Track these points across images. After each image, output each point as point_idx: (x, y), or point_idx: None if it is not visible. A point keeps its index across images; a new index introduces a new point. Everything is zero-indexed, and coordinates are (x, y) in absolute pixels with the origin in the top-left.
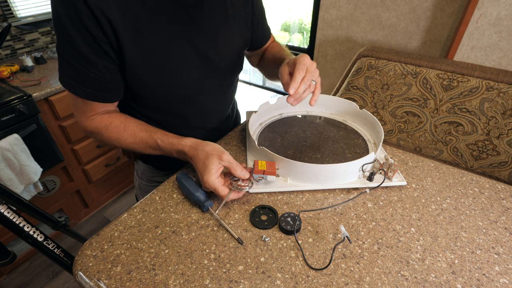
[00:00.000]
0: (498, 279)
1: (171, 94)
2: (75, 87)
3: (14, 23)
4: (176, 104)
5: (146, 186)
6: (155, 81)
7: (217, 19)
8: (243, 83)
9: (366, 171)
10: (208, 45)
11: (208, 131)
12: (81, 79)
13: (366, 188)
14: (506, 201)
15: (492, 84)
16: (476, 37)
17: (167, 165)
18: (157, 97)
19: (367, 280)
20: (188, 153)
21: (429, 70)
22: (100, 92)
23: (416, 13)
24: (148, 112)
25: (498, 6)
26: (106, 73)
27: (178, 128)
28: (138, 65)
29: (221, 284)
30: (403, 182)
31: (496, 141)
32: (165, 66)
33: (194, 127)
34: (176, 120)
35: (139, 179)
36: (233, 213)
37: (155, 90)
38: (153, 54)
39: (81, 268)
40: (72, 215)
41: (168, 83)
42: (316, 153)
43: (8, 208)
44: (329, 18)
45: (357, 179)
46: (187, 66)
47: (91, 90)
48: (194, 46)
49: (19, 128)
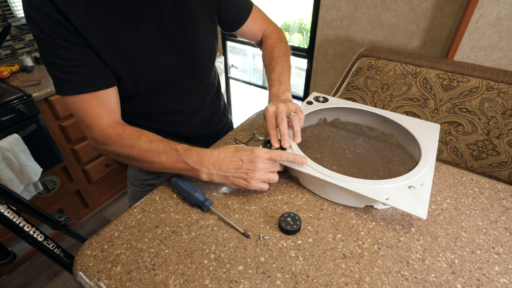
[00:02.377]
0: (498, 279)
1: (147, 84)
2: (74, 87)
3: (14, 23)
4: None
5: (139, 192)
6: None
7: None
8: (243, 83)
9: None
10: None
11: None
12: (74, 77)
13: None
14: (506, 201)
15: (492, 84)
16: (476, 37)
17: None
18: (138, 93)
19: (367, 280)
20: (210, 151)
21: (429, 70)
22: (97, 77)
23: (416, 13)
24: (137, 118)
25: (498, 6)
26: (93, 59)
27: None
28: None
29: (221, 284)
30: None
31: (496, 141)
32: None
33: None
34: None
35: (132, 186)
36: (233, 213)
37: (133, 84)
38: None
39: (81, 268)
40: (72, 215)
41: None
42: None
43: (8, 208)
44: (329, 18)
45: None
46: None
47: (87, 82)
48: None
49: (19, 128)
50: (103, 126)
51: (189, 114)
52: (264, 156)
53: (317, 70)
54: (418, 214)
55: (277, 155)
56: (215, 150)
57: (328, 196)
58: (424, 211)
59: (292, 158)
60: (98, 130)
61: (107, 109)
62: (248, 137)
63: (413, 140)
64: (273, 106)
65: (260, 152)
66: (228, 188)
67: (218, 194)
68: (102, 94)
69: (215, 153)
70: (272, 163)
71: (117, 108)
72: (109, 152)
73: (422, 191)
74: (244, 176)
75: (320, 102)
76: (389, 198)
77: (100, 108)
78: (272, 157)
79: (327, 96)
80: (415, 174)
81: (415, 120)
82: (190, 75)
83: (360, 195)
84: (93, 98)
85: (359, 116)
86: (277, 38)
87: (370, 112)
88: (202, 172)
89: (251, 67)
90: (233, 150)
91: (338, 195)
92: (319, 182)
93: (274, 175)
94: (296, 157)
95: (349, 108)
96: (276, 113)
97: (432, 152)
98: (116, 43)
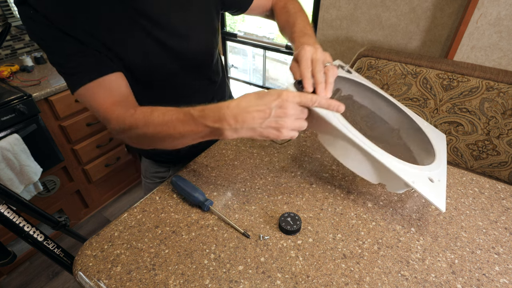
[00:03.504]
0: (498, 279)
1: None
2: (78, 80)
3: (14, 23)
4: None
5: (150, 184)
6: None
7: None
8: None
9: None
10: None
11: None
12: (77, 70)
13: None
14: (506, 201)
15: (492, 84)
16: (476, 37)
17: (167, 158)
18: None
19: (367, 280)
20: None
21: (429, 70)
22: (98, 65)
23: (416, 13)
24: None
25: (498, 6)
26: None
27: None
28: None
29: (221, 284)
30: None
31: (496, 141)
32: (126, 40)
33: None
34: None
35: (144, 178)
36: (233, 213)
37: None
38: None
39: (81, 268)
40: (72, 215)
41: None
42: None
43: (8, 208)
44: (329, 18)
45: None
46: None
47: (89, 70)
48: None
49: (19, 128)
50: (117, 113)
51: None
52: (294, 100)
53: None
54: (439, 206)
55: (308, 99)
56: (233, 100)
57: (345, 161)
58: (443, 204)
59: (327, 104)
60: (113, 118)
61: (119, 97)
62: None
63: (425, 138)
64: (310, 48)
65: (289, 96)
66: (228, 188)
67: (218, 194)
68: (108, 81)
69: (233, 104)
70: (302, 109)
71: (129, 95)
72: (131, 139)
73: (440, 186)
74: (274, 125)
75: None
76: (415, 182)
77: (110, 97)
78: (303, 101)
79: (350, 69)
80: (435, 168)
81: (426, 123)
82: (187, 72)
83: (386, 168)
84: (101, 87)
85: (374, 99)
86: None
87: (386, 98)
88: (225, 129)
89: (251, 67)
90: (255, 96)
91: (359, 163)
92: (342, 143)
93: (304, 122)
94: (331, 103)
95: (369, 88)
96: (314, 58)
97: (444, 155)
98: (109, 49)
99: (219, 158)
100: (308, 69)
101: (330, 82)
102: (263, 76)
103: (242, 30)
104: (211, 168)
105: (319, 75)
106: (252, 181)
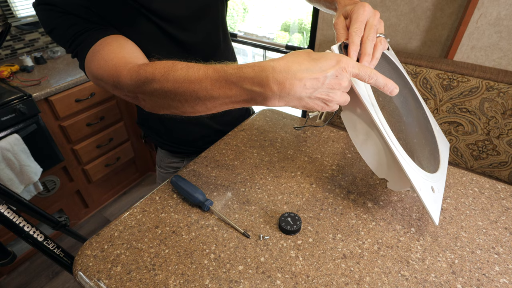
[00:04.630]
0: (498, 279)
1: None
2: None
3: (14, 23)
4: None
5: (164, 174)
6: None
7: None
8: None
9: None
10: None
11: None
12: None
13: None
14: (506, 201)
15: (492, 84)
16: (476, 37)
17: (182, 149)
18: None
19: (367, 280)
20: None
21: (429, 70)
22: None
23: (416, 13)
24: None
25: (498, 6)
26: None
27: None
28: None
29: (221, 284)
30: None
31: (496, 141)
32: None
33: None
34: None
35: (158, 167)
36: (233, 213)
37: None
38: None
39: (81, 268)
40: (72, 215)
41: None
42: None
43: (8, 208)
44: (329, 18)
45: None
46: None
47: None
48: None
49: (19, 128)
50: (130, 66)
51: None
52: (353, 70)
53: None
54: (435, 218)
55: (367, 74)
56: (280, 59)
57: (361, 147)
58: (437, 217)
59: (383, 83)
60: (125, 71)
61: (128, 50)
62: (250, 135)
63: (435, 144)
64: (370, 10)
65: (350, 65)
66: (228, 188)
67: (218, 194)
68: (116, 38)
69: (281, 65)
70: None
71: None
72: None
73: (439, 197)
74: (325, 96)
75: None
76: (421, 189)
77: (120, 52)
78: (361, 74)
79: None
80: (438, 178)
81: (438, 128)
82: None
83: (400, 168)
84: (108, 44)
85: (402, 87)
86: None
87: (413, 90)
88: (268, 96)
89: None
90: (308, 58)
91: (375, 153)
92: (366, 129)
93: (348, 96)
94: (387, 83)
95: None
96: (369, 23)
97: (445, 164)
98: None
99: (219, 158)
100: (359, 33)
101: (376, 57)
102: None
103: (242, 30)
104: (211, 168)
105: (369, 44)
106: (252, 181)
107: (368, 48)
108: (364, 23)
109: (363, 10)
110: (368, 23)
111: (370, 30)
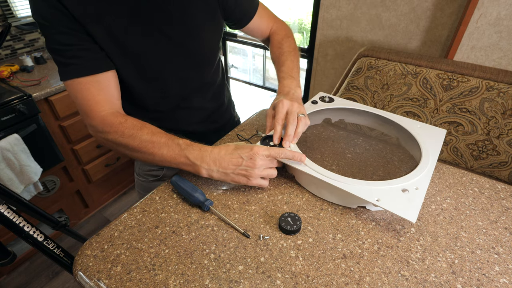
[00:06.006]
0: (498, 279)
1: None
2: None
3: (14, 23)
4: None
5: (143, 182)
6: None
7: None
8: (243, 83)
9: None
10: (175, 27)
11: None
12: (74, 60)
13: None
14: (506, 201)
15: (492, 84)
16: (476, 37)
17: None
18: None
19: (367, 280)
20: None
21: (429, 70)
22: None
23: (416, 13)
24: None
25: (498, 6)
26: (92, 45)
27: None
28: (105, 46)
29: (221, 284)
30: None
31: (496, 141)
32: (131, 49)
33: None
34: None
35: (137, 176)
36: (233, 213)
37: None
38: (117, 40)
39: (81, 268)
40: (72, 215)
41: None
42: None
43: (8, 208)
44: (329, 18)
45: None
46: (149, 46)
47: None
48: (159, 29)
49: (19, 128)
50: (103, 114)
51: (190, 111)
52: (263, 153)
53: (317, 70)
54: (408, 217)
55: (276, 153)
56: (216, 147)
57: (322, 195)
58: (414, 215)
59: (291, 156)
60: (98, 117)
61: (107, 96)
62: (250, 135)
63: (415, 143)
64: (287, 102)
65: (260, 150)
66: (228, 188)
67: (218, 194)
68: (101, 79)
69: (215, 150)
70: (271, 159)
71: (117, 97)
72: (109, 141)
73: (416, 195)
74: (244, 173)
75: (326, 102)
76: (380, 200)
77: (100, 95)
78: (272, 154)
79: (333, 97)
80: (411, 178)
81: (421, 124)
82: (190, 72)
83: (351, 195)
84: (92, 83)
85: (364, 117)
86: (284, 34)
87: (375, 114)
88: (203, 168)
89: (251, 67)
90: (233, 147)
91: (331, 194)
92: (313, 180)
93: (273, 170)
94: (295, 155)
95: (354, 110)
96: (289, 111)
97: (433, 156)
98: (115, 40)
99: None
100: (281, 122)
101: (298, 132)
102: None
103: None
104: None
105: (291, 127)
106: None
107: (289, 130)
108: (284, 114)
109: (282, 105)
110: (288, 111)
111: (290, 116)
